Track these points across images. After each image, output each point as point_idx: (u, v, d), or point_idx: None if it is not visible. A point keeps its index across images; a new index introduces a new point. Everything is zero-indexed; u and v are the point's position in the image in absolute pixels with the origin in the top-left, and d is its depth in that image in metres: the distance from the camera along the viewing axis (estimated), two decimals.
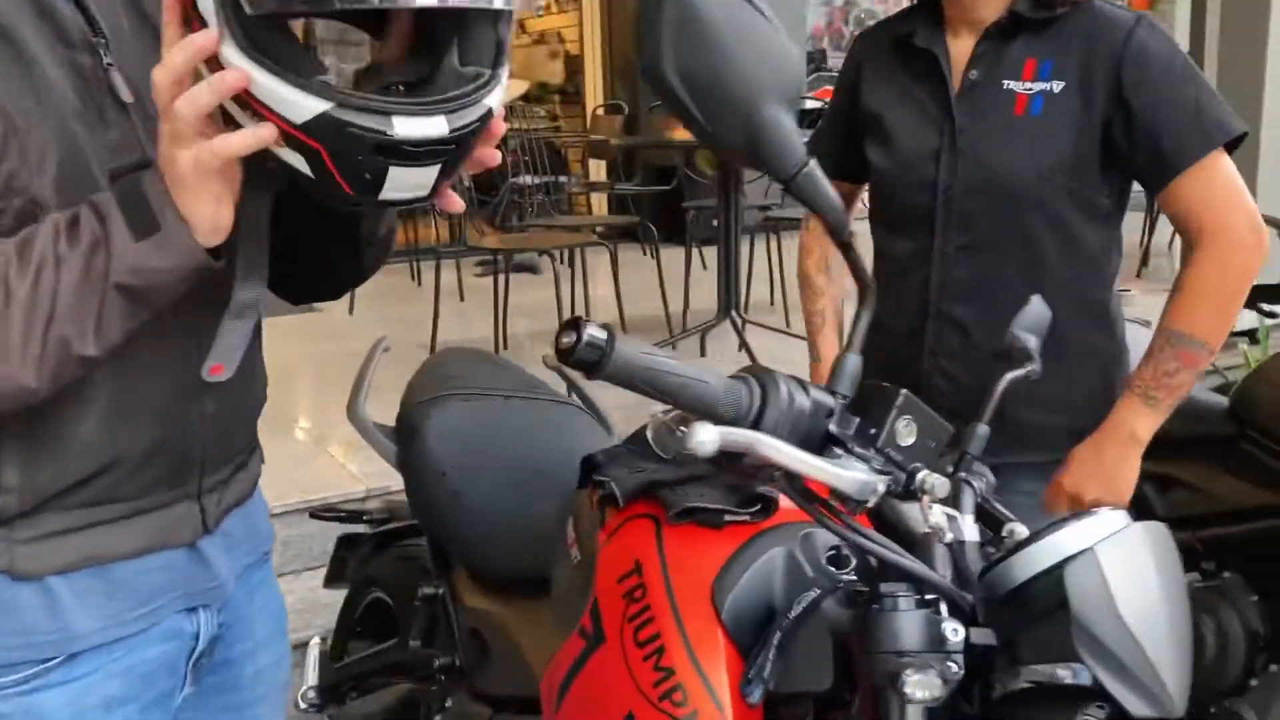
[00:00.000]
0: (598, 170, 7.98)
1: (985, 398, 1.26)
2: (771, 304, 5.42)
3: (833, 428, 1.05)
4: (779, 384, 1.03)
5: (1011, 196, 1.68)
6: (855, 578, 1.16)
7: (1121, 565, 0.96)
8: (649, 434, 1.19)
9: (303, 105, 0.88)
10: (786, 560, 1.19)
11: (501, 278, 4.88)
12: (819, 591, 1.13)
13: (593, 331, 0.94)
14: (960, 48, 1.73)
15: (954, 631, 1.00)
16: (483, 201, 6.94)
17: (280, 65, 0.89)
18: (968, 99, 1.71)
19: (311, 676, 2.09)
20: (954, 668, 0.99)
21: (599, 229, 6.08)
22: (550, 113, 9.37)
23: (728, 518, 1.22)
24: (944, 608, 1.02)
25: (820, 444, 1.04)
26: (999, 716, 1.03)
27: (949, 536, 1.03)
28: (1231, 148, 1.66)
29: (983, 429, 1.23)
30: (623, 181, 7.07)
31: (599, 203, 8.04)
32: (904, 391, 1.07)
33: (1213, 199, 1.63)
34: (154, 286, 0.99)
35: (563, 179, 7.84)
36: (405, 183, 0.93)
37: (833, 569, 1.17)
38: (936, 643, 0.99)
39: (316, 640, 2.19)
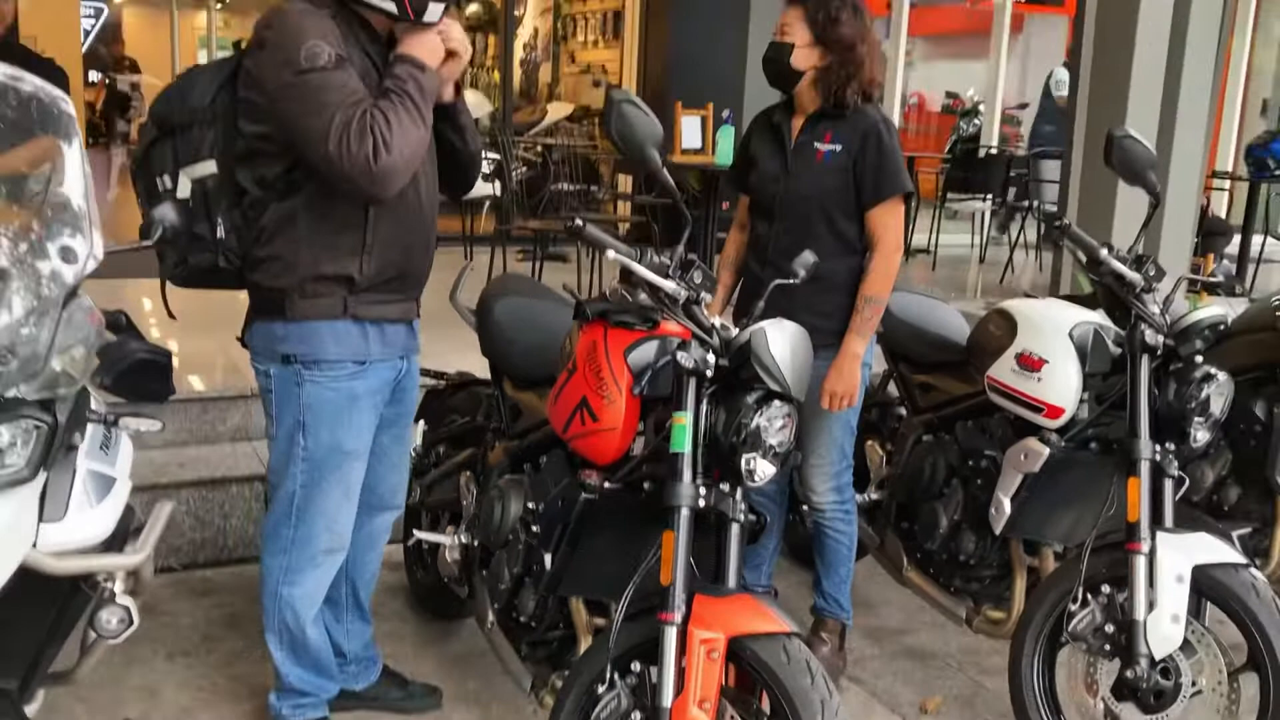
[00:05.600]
0: (624, 183, 9.31)
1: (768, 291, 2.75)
2: None
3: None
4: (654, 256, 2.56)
5: (811, 202, 3.23)
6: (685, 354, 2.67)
7: (775, 336, 2.48)
8: (607, 292, 2.76)
9: None
10: (658, 347, 2.72)
11: (538, 262, 6.52)
12: (670, 358, 2.65)
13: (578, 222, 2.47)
14: (796, 124, 3.29)
15: (713, 356, 2.51)
16: (531, 208, 8.52)
17: None
18: (796, 151, 3.26)
19: (417, 443, 3.66)
20: (711, 359, 2.48)
21: (619, 225, 7.60)
22: (589, 133, 10.73)
23: (636, 326, 2.75)
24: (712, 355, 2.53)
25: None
26: (733, 402, 2.53)
27: (721, 325, 2.54)
28: (906, 200, 3.19)
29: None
30: (642, 193, 8.55)
31: (623, 208, 9.51)
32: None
33: (887, 224, 3.19)
34: None
35: (594, 188, 9.20)
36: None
37: (682, 352, 2.68)
38: (706, 364, 2.50)
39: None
